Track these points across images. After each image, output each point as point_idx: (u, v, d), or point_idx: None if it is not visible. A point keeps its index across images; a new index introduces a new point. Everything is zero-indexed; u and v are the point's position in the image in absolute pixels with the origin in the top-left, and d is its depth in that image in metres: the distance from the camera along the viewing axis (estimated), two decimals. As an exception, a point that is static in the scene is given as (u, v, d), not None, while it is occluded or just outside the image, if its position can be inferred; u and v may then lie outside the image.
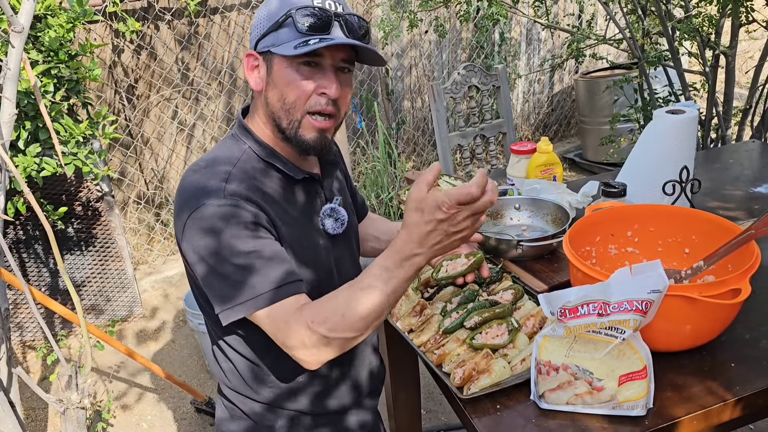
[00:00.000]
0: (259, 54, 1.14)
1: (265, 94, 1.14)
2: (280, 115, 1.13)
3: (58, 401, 1.73)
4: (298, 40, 1.07)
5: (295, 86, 1.10)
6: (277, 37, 1.09)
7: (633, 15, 3.08)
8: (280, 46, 1.09)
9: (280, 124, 1.14)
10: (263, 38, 1.12)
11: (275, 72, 1.11)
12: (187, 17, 3.67)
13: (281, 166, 1.17)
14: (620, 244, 1.43)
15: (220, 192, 1.06)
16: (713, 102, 2.89)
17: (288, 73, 1.10)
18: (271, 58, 1.12)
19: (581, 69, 5.14)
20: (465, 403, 1.15)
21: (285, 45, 1.08)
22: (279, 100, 1.12)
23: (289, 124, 1.13)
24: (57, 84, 2.60)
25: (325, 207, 1.24)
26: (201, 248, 1.04)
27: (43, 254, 3.15)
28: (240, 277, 1.02)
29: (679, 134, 1.67)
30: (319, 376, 1.25)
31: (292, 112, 1.12)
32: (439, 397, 2.66)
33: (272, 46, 1.10)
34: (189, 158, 4.00)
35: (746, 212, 1.75)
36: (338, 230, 1.25)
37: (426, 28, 4.40)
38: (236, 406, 1.26)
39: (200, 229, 1.04)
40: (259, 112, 1.18)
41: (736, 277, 1.10)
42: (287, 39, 1.08)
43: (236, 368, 1.23)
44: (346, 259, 1.30)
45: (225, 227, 1.03)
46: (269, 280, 1.03)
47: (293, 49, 1.06)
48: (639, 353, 1.07)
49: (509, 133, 3.75)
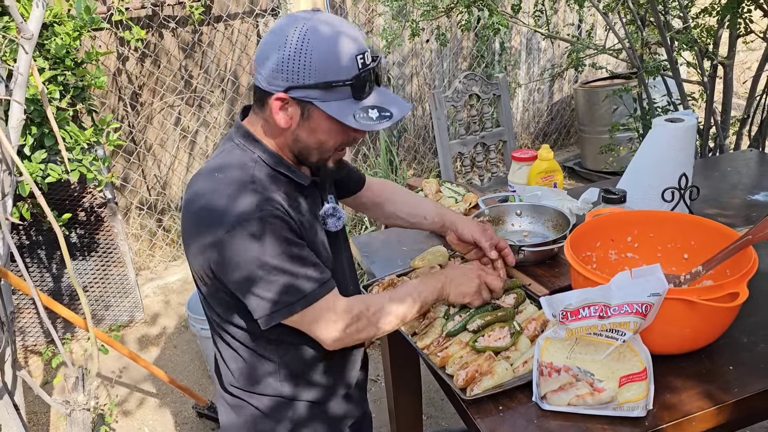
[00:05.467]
0: (292, 98, 1.12)
1: (296, 132, 1.17)
2: (311, 152, 1.19)
3: (64, 403, 1.74)
4: (354, 108, 1.11)
5: (335, 136, 1.17)
6: (325, 94, 1.10)
7: (632, 25, 3.12)
8: (329, 104, 1.11)
9: (308, 158, 1.20)
10: (303, 89, 1.10)
11: (315, 120, 1.14)
12: (191, 25, 3.71)
13: (290, 174, 1.21)
14: (620, 249, 1.45)
15: (252, 205, 1.09)
16: (711, 111, 2.92)
17: (330, 126, 1.15)
18: (311, 107, 1.12)
19: (581, 78, 5.18)
20: (468, 404, 1.17)
21: (337, 107, 1.11)
22: (316, 143, 1.17)
23: (319, 161, 1.21)
24: (63, 91, 2.63)
25: (327, 207, 1.29)
26: (243, 261, 1.08)
27: (46, 259, 3.17)
28: (287, 282, 1.10)
29: (678, 142, 1.69)
30: (324, 366, 1.29)
31: (325, 153, 1.20)
32: (440, 403, 2.67)
33: (317, 100, 1.11)
34: (191, 164, 4.03)
35: (744, 219, 1.78)
36: (338, 227, 1.30)
37: (427, 37, 4.44)
38: (246, 402, 1.28)
39: (241, 243, 1.08)
40: (276, 138, 1.19)
41: (734, 281, 1.13)
42: (336, 98, 1.11)
43: (246, 366, 1.26)
44: (342, 253, 1.36)
45: (265, 238, 1.08)
46: (312, 280, 1.12)
47: (354, 119, 1.11)
48: (639, 355, 1.09)
49: (509, 141, 3.78)
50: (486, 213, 1.78)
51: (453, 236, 1.54)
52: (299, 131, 1.16)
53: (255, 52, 1.19)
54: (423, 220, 1.57)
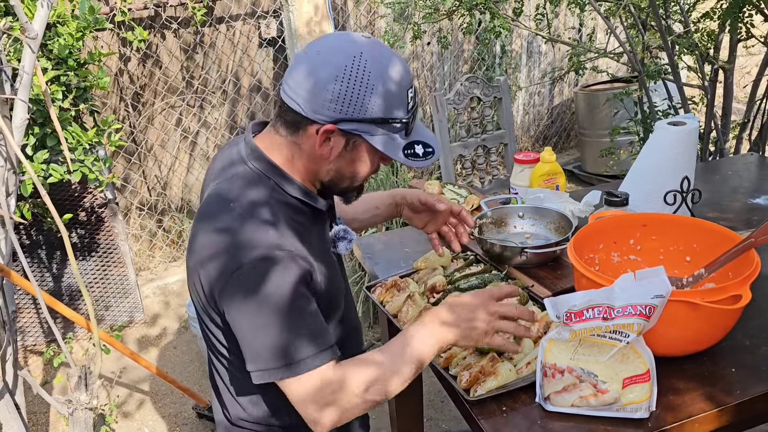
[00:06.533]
0: (339, 129, 1.07)
1: (334, 162, 1.12)
2: (343, 180, 1.17)
3: (66, 402, 1.74)
4: (402, 141, 1.10)
5: (372, 167, 1.16)
6: (376, 129, 1.08)
7: (633, 29, 3.13)
8: (377, 138, 1.08)
9: (337, 186, 1.18)
10: (356, 122, 1.06)
11: (358, 152, 1.12)
12: (193, 26, 3.71)
13: (309, 201, 1.16)
14: (623, 252, 1.46)
15: (271, 247, 1.03)
16: (712, 115, 2.93)
17: (370, 157, 1.13)
18: (358, 139, 1.09)
19: (581, 82, 5.19)
20: (471, 405, 1.17)
21: (386, 142, 1.09)
22: (351, 173, 1.15)
23: (348, 188, 1.19)
24: (65, 91, 2.63)
25: (338, 229, 1.24)
26: (246, 306, 1.02)
27: (46, 259, 3.17)
28: (281, 342, 1.02)
29: (680, 145, 1.70)
30: None
31: (356, 182, 1.18)
32: (440, 405, 2.67)
33: (367, 134, 1.08)
34: (192, 165, 4.03)
35: (745, 223, 1.79)
36: (348, 249, 1.25)
37: (429, 39, 4.45)
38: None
39: (248, 286, 1.02)
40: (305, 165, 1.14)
41: (737, 283, 1.13)
42: (385, 132, 1.09)
43: (262, 399, 1.21)
44: (343, 269, 1.33)
45: (274, 289, 1.02)
46: (308, 347, 1.03)
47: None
48: (642, 357, 1.10)
49: (510, 144, 3.79)
50: (488, 215, 1.79)
51: (407, 210, 1.50)
52: (338, 161, 1.12)
53: (294, 68, 1.08)
54: (376, 210, 1.51)
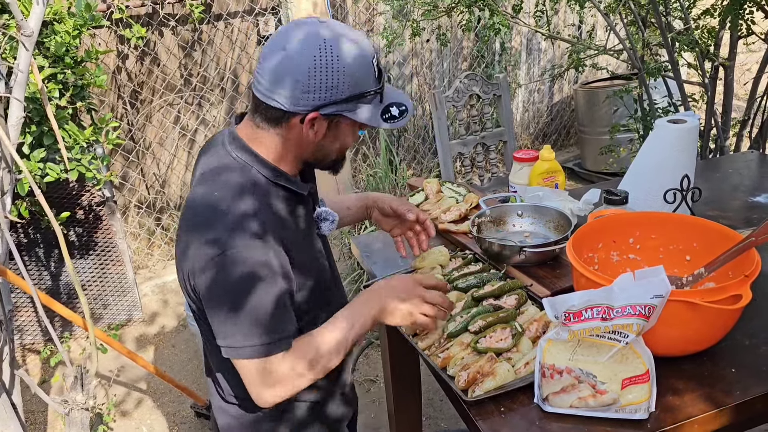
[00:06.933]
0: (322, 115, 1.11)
1: (320, 143, 1.17)
2: (330, 154, 1.21)
3: (62, 402, 1.73)
4: (379, 109, 1.16)
5: (354, 136, 1.21)
6: (355, 104, 1.12)
7: (633, 26, 3.11)
8: (358, 112, 1.13)
9: (325, 161, 1.22)
10: (335, 105, 1.10)
11: (342, 129, 1.17)
12: (191, 24, 3.70)
13: (290, 186, 1.19)
14: (622, 250, 1.45)
15: (246, 232, 1.07)
16: (712, 113, 2.92)
17: (351, 129, 1.18)
18: (339, 118, 1.14)
19: (581, 79, 5.18)
20: (469, 405, 1.16)
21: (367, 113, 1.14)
22: (338, 148, 1.20)
23: (335, 160, 1.23)
24: (62, 89, 2.62)
25: (320, 210, 1.29)
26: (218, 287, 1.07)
27: (44, 258, 3.16)
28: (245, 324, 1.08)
29: (680, 143, 1.69)
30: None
31: (342, 152, 1.23)
32: (438, 404, 2.66)
33: (347, 111, 1.12)
34: (190, 163, 4.02)
35: (745, 221, 1.78)
36: (332, 230, 1.30)
37: (428, 36, 4.43)
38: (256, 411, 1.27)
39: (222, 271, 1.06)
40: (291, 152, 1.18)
41: (737, 283, 1.12)
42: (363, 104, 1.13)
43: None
44: (328, 250, 1.36)
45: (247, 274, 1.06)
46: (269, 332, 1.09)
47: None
48: (641, 357, 1.09)
49: (510, 141, 3.78)
50: (487, 213, 1.78)
51: (377, 213, 1.54)
52: (323, 141, 1.17)
53: (264, 68, 1.10)
54: (347, 211, 1.53)
